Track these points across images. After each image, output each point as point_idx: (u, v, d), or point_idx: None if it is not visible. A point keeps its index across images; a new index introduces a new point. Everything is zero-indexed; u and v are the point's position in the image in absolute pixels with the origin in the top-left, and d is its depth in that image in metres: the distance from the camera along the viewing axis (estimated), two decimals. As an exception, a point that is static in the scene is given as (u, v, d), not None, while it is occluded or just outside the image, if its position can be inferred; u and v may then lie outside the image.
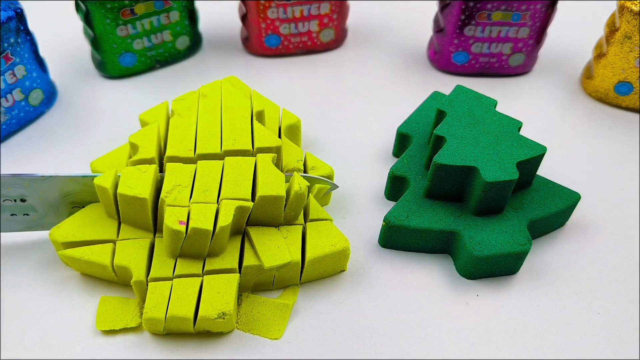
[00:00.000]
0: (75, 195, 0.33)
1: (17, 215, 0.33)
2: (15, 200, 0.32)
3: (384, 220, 0.33)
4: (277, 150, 0.33)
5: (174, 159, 0.33)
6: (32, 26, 0.42)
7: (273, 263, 0.30)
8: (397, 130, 0.39)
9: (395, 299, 0.32)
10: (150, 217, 0.31)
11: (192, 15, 0.48)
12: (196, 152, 0.33)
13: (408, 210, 0.33)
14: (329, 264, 0.32)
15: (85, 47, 0.50)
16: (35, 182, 0.32)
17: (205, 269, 0.30)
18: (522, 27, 0.45)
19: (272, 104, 0.39)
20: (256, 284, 0.31)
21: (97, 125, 0.43)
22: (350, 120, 0.44)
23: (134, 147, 0.34)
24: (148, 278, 0.30)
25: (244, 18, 0.48)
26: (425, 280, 0.33)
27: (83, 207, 0.33)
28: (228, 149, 0.33)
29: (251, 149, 0.33)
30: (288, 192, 0.31)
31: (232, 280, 0.29)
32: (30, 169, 0.39)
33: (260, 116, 0.36)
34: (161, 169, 0.34)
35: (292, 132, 0.38)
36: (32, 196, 0.32)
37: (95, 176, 0.32)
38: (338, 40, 0.51)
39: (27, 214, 0.33)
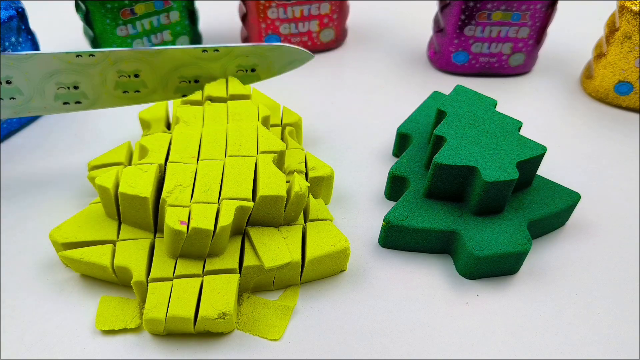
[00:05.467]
0: (60, 75, 0.33)
1: (3, 100, 0.33)
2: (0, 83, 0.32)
3: (384, 220, 0.33)
4: (281, 154, 0.33)
5: None
6: (33, 26, 0.42)
7: (273, 263, 0.30)
8: (397, 130, 0.39)
9: (395, 299, 0.32)
10: (151, 216, 0.31)
11: (192, 15, 0.48)
12: (199, 159, 0.32)
13: (408, 210, 0.33)
14: (329, 264, 0.32)
15: (86, 47, 0.50)
16: (19, 61, 0.32)
17: (205, 269, 0.30)
18: (522, 27, 0.45)
19: (272, 102, 0.39)
20: (256, 284, 0.31)
21: (97, 125, 0.43)
22: (350, 120, 0.44)
23: (143, 150, 0.34)
24: (148, 278, 0.30)
25: (244, 18, 0.48)
26: (425, 280, 0.33)
27: (68, 88, 0.33)
28: (233, 155, 0.33)
29: (256, 155, 0.33)
30: (288, 192, 0.31)
31: (233, 281, 0.29)
32: (31, 168, 0.39)
33: (266, 121, 0.36)
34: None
35: (294, 131, 0.38)
36: (18, 77, 0.32)
37: (77, 52, 0.32)
38: (338, 40, 0.51)
39: (13, 98, 0.33)
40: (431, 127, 0.38)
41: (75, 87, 0.34)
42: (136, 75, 0.36)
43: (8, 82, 0.32)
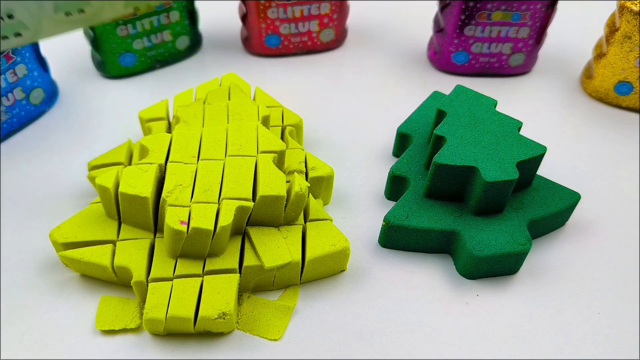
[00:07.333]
0: None
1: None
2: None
3: (384, 220, 0.33)
4: (281, 154, 0.33)
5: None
6: (32, 26, 0.42)
7: (273, 263, 0.30)
8: (397, 130, 0.39)
9: (395, 299, 0.32)
10: (151, 216, 0.31)
11: (192, 15, 0.48)
12: (199, 159, 0.32)
13: (408, 210, 0.33)
14: (329, 264, 0.32)
15: (86, 47, 0.50)
16: None
17: (205, 269, 0.30)
18: (522, 27, 0.45)
19: (274, 102, 0.39)
20: (256, 284, 0.31)
21: (97, 125, 0.43)
22: (350, 120, 0.44)
23: (143, 150, 0.34)
24: (148, 278, 0.30)
25: (244, 18, 0.48)
26: (425, 280, 0.33)
27: (2, 19, 0.29)
28: (233, 154, 0.33)
29: (256, 154, 0.33)
30: (288, 192, 0.31)
31: (233, 281, 0.29)
32: (31, 167, 0.39)
33: (266, 121, 0.36)
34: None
35: (295, 131, 0.38)
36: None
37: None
38: (338, 40, 0.51)
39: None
40: (431, 127, 0.38)
41: (10, 17, 0.30)
42: None
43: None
